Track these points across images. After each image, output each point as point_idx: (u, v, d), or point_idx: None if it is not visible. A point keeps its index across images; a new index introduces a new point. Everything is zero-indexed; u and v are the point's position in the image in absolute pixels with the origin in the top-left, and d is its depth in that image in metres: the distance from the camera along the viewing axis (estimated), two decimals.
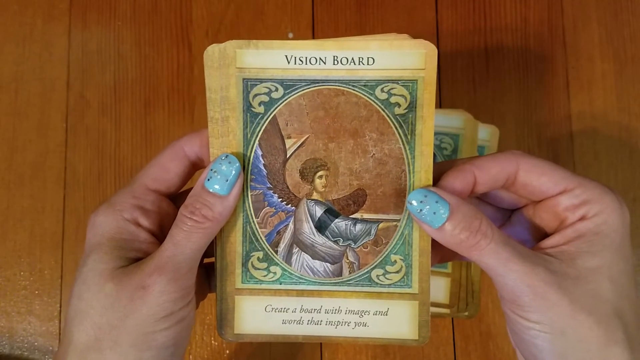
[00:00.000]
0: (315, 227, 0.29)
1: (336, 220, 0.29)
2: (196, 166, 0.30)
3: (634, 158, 0.50)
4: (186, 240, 0.26)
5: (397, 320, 0.29)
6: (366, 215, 0.29)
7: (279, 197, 0.29)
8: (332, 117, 0.28)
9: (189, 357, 0.48)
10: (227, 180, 0.27)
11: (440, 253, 0.31)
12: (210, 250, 0.29)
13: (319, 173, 0.29)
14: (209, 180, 0.27)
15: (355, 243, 0.29)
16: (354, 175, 0.29)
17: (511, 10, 0.52)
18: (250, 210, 0.29)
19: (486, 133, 0.46)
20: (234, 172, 0.27)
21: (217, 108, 0.28)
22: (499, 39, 0.52)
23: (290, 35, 0.52)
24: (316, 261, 0.29)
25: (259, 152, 0.29)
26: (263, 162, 0.29)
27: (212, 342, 0.48)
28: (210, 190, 0.27)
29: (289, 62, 0.28)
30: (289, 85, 0.28)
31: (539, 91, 0.51)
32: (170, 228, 0.27)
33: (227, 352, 0.48)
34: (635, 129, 0.50)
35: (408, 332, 0.29)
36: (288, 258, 0.29)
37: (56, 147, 0.51)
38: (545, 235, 0.29)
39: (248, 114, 0.28)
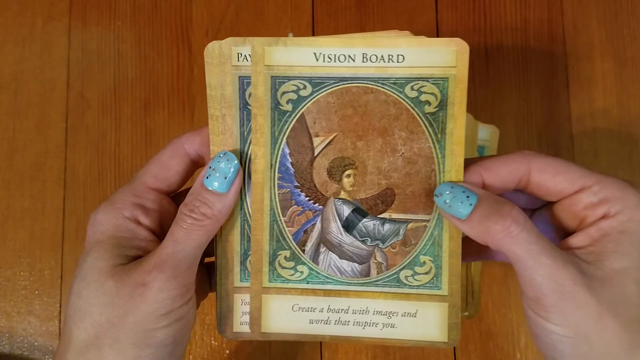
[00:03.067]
0: (343, 227, 0.29)
1: (364, 219, 0.29)
2: (197, 164, 0.30)
3: (634, 158, 0.50)
4: (186, 238, 0.26)
5: (426, 322, 0.29)
6: (395, 215, 0.28)
7: (306, 196, 0.29)
8: (361, 115, 0.28)
9: (188, 357, 0.48)
10: (225, 178, 0.27)
11: None
12: (210, 250, 0.29)
13: (347, 172, 0.28)
14: (207, 178, 0.27)
15: (383, 243, 0.29)
16: (383, 174, 0.28)
17: (511, 10, 0.52)
18: (277, 209, 0.29)
19: (486, 133, 0.46)
20: (232, 169, 0.27)
21: (217, 105, 0.28)
22: (499, 39, 0.52)
23: (290, 35, 0.52)
24: (344, 261, 0.29)
25: (287, 151, 0.28)
26: (290, 160, 0.28)
27: (212, 342, 0.48)
28: (209, 188, 0.27)
29: (317, 60, 0.27)
30: (317, 82, 0.28)
31: (539, 91, 0.51)
32: (171, 226, 0.27)
33: (227, 351, 0.48)
34: (635, 129, 0.50)
35: (437, 334, 0.29)
36: (315, 257, 0.29)
37: (56, 147, 0.51)
38: (564, 235, 0.28)
39: (276, 112, 0.28)
